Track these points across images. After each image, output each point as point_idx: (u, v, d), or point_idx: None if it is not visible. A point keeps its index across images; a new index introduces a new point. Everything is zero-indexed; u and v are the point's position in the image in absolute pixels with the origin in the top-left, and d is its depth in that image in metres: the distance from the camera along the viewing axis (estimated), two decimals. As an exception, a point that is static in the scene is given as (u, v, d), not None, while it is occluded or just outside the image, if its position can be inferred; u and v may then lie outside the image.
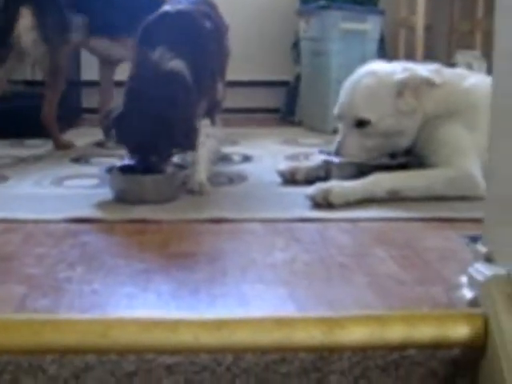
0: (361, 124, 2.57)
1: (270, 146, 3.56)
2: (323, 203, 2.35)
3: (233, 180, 2.77)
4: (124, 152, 2.54)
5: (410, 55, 4.35)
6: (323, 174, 2.66)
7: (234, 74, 3.42)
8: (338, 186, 2.39)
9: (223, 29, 2.94)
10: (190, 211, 2.30)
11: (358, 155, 2.60)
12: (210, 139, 2.65)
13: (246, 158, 3.23)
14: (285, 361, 1.34)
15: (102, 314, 1.48)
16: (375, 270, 1.77)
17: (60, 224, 2.17)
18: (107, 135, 2.62)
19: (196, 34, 2.61)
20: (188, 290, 1.63)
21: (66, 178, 2.78)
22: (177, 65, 2.46)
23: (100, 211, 2.32)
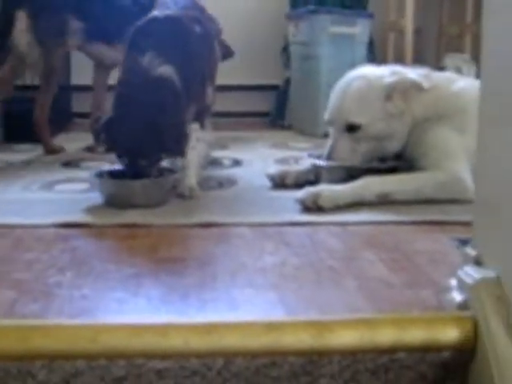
0: (351, 128, 2.58)
1: (259, 150, 3.57)
2: (313, 207, 2.35)
3: (223, 184, 2.77)
4: (114, 157, 2.54)
5: (400, 59, 4.36)
6: (313, 177, 2.67)
7: (224, 78, 3.42)
8: (327, 190, 2.39)
9: (213, 33, 2.94)
10: (180, 216, 2.30)
11: (350, 159, 2.60)
12: (199, 143, 2.65)
13: (236, 162, 3.23)
14: (275, 365, 1.34)
15: (91, 319, 1.47)
16: (365, 274, 1.77)
17: (50, 229, 2.16)
18: (97, 140, 2.62)
19: (185, 38, 2.61)
20: (178, 295, 1.63)
21: (55, 183, 2.78)
22: (166, 70, 2.46)
23: (90, 216, 2.31)
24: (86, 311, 1.53)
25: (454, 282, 1.50)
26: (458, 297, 1.46)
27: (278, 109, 4.64)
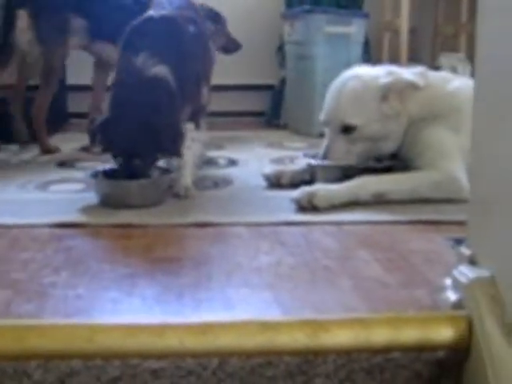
0: (347, 129, 2.58)
1: (255, 150, 3.57)
2: (308, 206, 2.35)
3: (218, 184, 2.77)
4: (109, 157, 2.54)
5: (395, 58, 4.37)
6: (308, 177, 2.67)
7: (220, 77, 3.43)
8: (322, 190, 2.39)
9: (207, 33, 2.94)
10: (176, 215, 2.30)
11: (346, 160, 2.60)
12: (195, 143, 2.65)
13: (232, 162, 3.23)
14: (270, 364, 1.34)
15: (86, 319, 1.47)
16: (360, 273, 1.78)
17: (45, 229, 2.16)
18: (93, 141, 2.61)
19: (180, 38, 2.61)
20: (173, 295, 1.63)
21: (51, 183, 2.78)
22: (160, 70, 2.46)
23: (85, 216, 2.31)
24: (81, 311, 1.53)
25: (448, 282, 1.51)
26: (452, 296, 1.46)
27: (273, 108, 4.64)
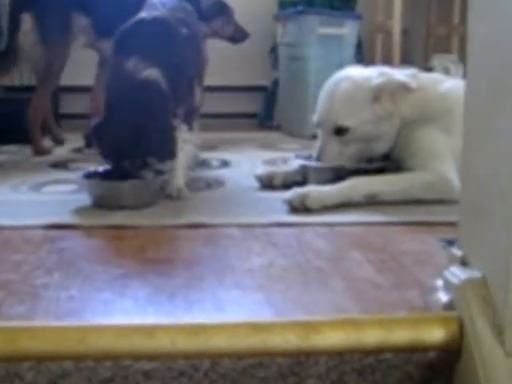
0: (340, 131, 2.58)
1: (248, 151, 3.57)
2: (300, 208, 2.35)
3: (211, 185, 2.77)
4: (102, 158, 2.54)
5: (387, 59, 4.38)
6: (300, 178, 2.67)
7: (213, 79, 3.43)
8: (315, 191, 2.40)
9: (200, 35, 2.94)
10: (168, 217, 2.30)
11: (339, 161, 2.61)
12: (187, 145, 2.65)
13: (224, 163, 3.23)
14: (262, 365, 1.34)
15: (78, 321, 1.47)
16: (352, 274, 1.78)
17: (38, 230, 2.16)
18: (89, 145, 2.60)
19: (172, 40, 2.60)
20: (165, 296, 1.63)
21: (43, 184, 2.78)
22: (151, 73, 2.45)
23: (78, 217, 2.31)
24: (73, 312, 1.53)
25: (440, 283, 1.51)
26: (444, 297, 1.47)
27: (266, 110, 4.64)
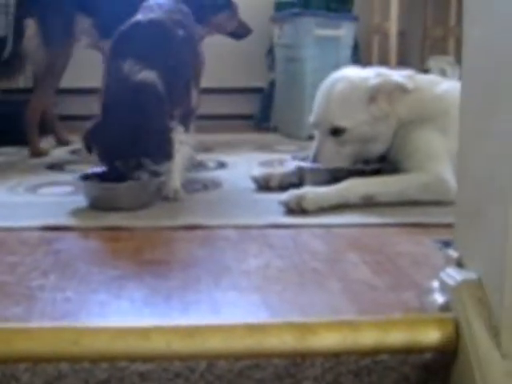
0: (336, 132, 2.58)
1: (244, 153, 3.57)
2: (297, 209, 2.35)
3: (207, 186, 2.77)
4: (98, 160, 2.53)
5: (384, 61, 4.38)
6: (297, 180, 2.67)
7: (209, 80, 3.43)
8: (311, 192, 2.39)
9: (196, 37, 2.94)
10: (164, 218, 2.30)
11: (336, 162, 2.61)
12: (184, 146, 2.64)
13: (221, 165, 3.23)
14: (258, 367, 1.34)
15: (74, 322, 1.47)
16: (348, 276, 1.78)
17: (34, 232, 2.16)
18: (88, 149, 2.59)
19: (168, 42, 2.60)
20: (161, 297, 1.63)
21: (40, 186, 2.78)
22: (147, 76, 2.44)
23: (74, 219, 2.31)
24: (69, 314, 1.53)
25: (436, 284, 1.51)
26: (440, 299, 1.47)
27: (262, 111, 4.64)
